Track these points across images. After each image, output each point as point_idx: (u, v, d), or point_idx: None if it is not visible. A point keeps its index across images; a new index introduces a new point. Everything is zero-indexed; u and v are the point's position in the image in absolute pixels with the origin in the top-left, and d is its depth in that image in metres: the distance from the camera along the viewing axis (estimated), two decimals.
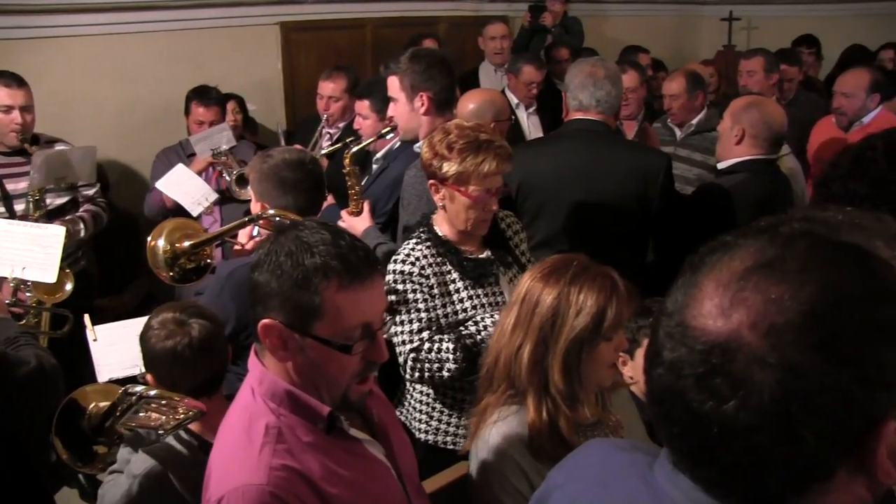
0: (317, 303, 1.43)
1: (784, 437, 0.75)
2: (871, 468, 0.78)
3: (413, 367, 2.36)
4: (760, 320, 0.76)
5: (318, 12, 5.79)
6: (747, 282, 0.79)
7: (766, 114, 3.04)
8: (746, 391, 0.75)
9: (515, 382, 1.86)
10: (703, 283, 0.82)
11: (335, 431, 1.54)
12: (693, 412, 0.79)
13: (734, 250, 0.83)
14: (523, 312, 1.84)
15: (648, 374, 0.86)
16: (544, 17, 6.29)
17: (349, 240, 1.50)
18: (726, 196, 2.95)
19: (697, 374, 0.78)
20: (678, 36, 8.58)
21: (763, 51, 5.21)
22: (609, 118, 3.02)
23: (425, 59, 2.85)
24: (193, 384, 2.04)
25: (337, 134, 4.44)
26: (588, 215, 2.94)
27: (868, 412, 0.75)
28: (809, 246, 0.80)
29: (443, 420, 2.50)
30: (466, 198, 2.31)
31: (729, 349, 0.77)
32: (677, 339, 0.82)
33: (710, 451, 0.80)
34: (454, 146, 2.29)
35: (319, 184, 2.60)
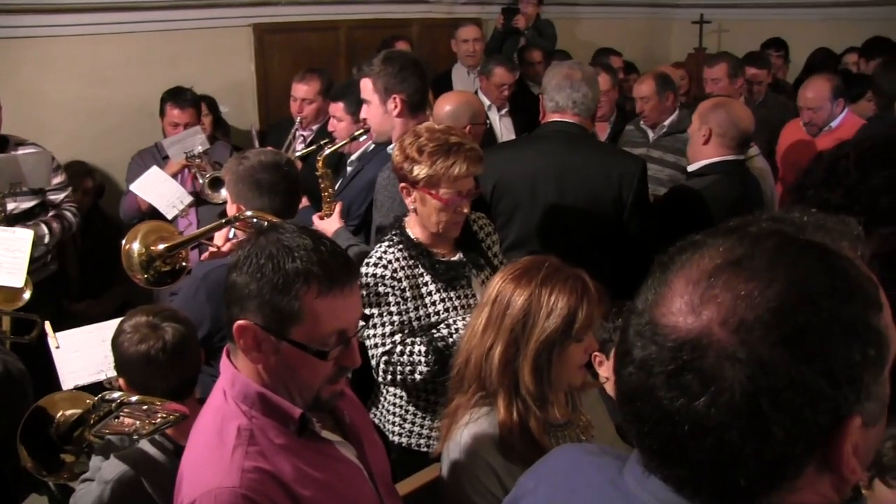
0: (296, 308, 1.43)
1: (754, 432, 0.75)
2: (838, 465, 0.79)
3: (385, 369, 2.37)
4: (730, 317, 0.77)
5: (291, 14, 5.77)
6: (717, 279, 0.79)
7: (732, 114, 3.08)
8: (717, 387, 0.76)
9: (486, 383, 1.86)
10: (672, 282, 0.83)
11: (307, 433, 1.54)
12: (664, 409, 0.79)
13: (703, 249, 0.84)
14: (494, 313, 1.85)
15: (618, 373, 0.86)
16: (517, 19, 6.32)
17: (330, 245, 1.51)
18: (697, 198, 2.99)
19: (668, 371, 0.79)
20: (650, 38, 8.66)
21: (725, 56, 5.26)
22: (585, 120, 3.04)
23: (398, 62, 2.86)
24: (166, 388, 2.03)
25: (311, 136, 4.43)
26: (562, 217, 2.96)
27: (834, 407, 0.77)
28: (777, 244, 0.81)
29: (416, 422, 2.51)
30: (437, 201, 2.32)
31: (699, 345, 0.77)
32: (647, 336, 0.82)
33: (680, 449, 0.80)
34: (424, 149, 2.29)
35: (295, 186, 2.60)
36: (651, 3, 8.67)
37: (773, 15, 8.08)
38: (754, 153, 3.98)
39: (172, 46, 5.15)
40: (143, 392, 1.99)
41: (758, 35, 7.13)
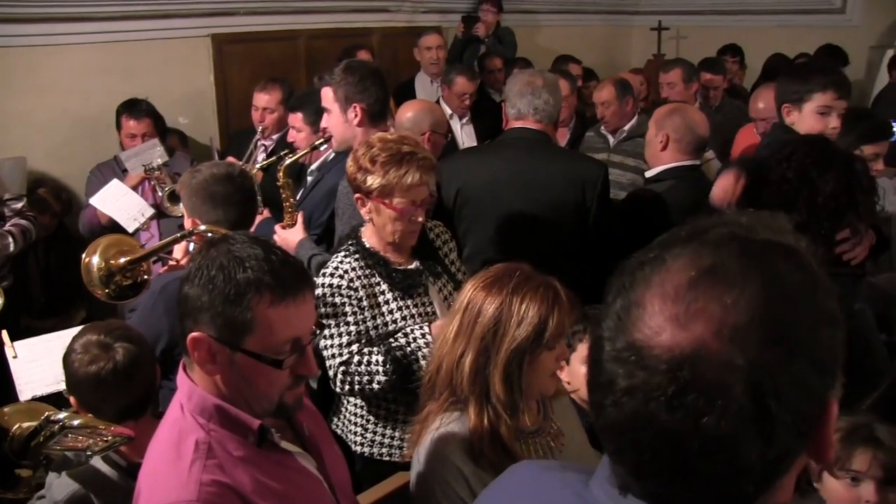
0: (248, 318, 1.42)
1: (761, 436, 0.75)
2: (824, 450, 0.81)
3: (343, 380, 2.36)
4: (722, 326, 0.76)
5: (250, 24, 5.75)
6: (696, 291, 0.78)
7: (688, 119, 3.13)
8: (724, 400, 0.74)
9: (457, 391, 1.86)
10: (644, 301, 0.80)
11: (266, 444, 1.53)
12: (668, 434, 0.76)
13: (667, 262, 0.82)
14: (465, 321, 1.84)
15: (601, 405, 0.82)
16: (477, 27, 6.38)
17: (281, 255, 1.50)
18: (655, 203, 3.02)
19: (669, 395, 0.76)
20: (610, 45, 8.77)
21: (680, 62, 5.35)
22: (548, 127, 3.06)
23: (359, 71, 2.86)
24: (118, 408, 2.00)
25: (272, 146, 4.42)
26: (526, 223, 2.97)
27: (822, 396, 0.79)
28: (741, 248, 0.81)
29: (377, 432, 2.50)
30: (392, 210, 2.33)
31: (698, 361, 0.75)
32: (632, 362, 0.78)
33: (689, 468, 0.77)
34: (377, 159, 2.30)
35: (250, 196, 2.59)
36: (610, 11, 8.78)
37: (729, 21, 8.23)
38: (710, 157, 4.06)
39: (130, 58, 5.09)
40: (94, 411, 1.97)
41: (715, 41, 7.27)
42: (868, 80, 7.84)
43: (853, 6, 7.77)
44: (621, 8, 8.87)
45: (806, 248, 0.85)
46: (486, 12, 6.55)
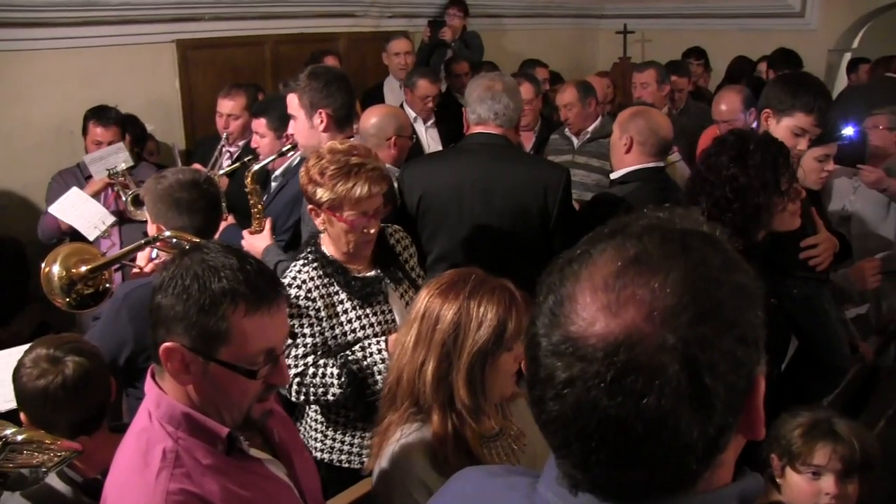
0: (223, 328, 1.42)
1: (700, 411, 0.78)
2: (755, 423, 0.85)
3: (298, 391, 2.35)
4: (652, 310, 0.78)
5: (215, 30, 5.71)
6: (624, 279, 0.81)
7: (651, 122, 3.16)
8: (662, 379, 0.77)
9: (420, 400, 1.85)
10: (575, 295, 0.82)
11: (235, 452, 1.53)
12: (612, 418, 0.78)
13: (594, 256, 0.84)
14: (424, 329, 1.84)
15: (541, 400, 0.83)
16: (444, 32, 6.40)
17: (256, 264, 1.50)
18: (619, 205, 3.04)
19: (608, 380, 0.78)
20: (576, 49, 8.86)
21: (654, 63, 5.43)
22: (509, 131, 3.07)
23: (324, 77, 2.85)
24: (70, 423, 1.96)
25: (237, 152, 4.39)
26: (489, 228, 2.98)
27: (749, 370, 0.82)
28: (662, 236, 0.84)
29: (337, 438, 2.50)
30: (343, 223, 2.32)
31: (632, 345, 0.78)
32: (569, 353, 0.80)
33: (635, 451, 0.79)
34: (326, 172, 2.28)
35: (216, 203, 2.58)
36: (576, 14, 8.86)
37: (693, 25, 8.35)
38: (675, 159, 4.11)
39: (93, 63, 5.04)
40: (45, 427, 1.92)
41: (680, 44, 7.39)
42: (828, 82, 8.00)
43: (812, 11, 7.94)
44: (587, 12, 8.95)
45: (721, 234, 0.89)
46: (452, 17, 6.58)
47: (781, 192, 2.37)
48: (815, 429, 2.16)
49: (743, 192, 2.36)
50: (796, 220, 2.46)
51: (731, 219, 2.36)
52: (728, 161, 2.40)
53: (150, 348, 1.49)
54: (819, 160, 3.07)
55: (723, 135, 2.57)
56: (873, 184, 4.16)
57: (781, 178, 2.37)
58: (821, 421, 2.17)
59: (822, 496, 2.12)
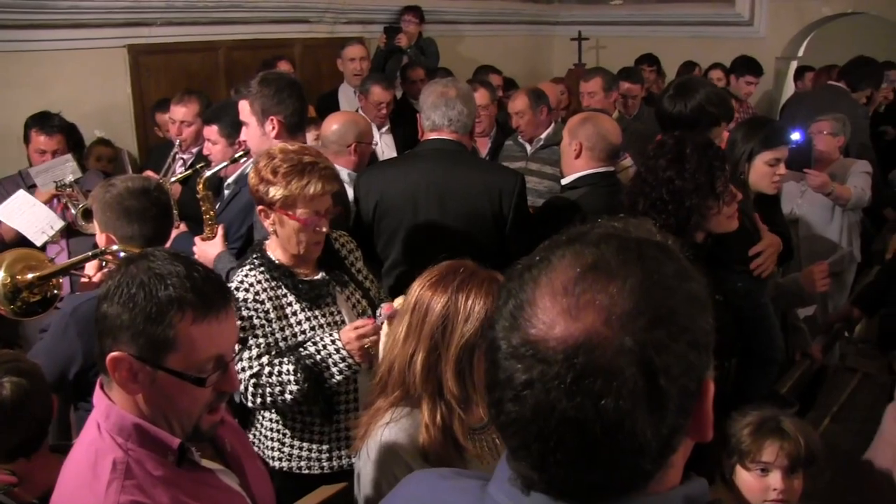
0: (170, 336, 1.41)
1: (654, 413, 0.80)
2: (704, 426, 0.88)
3: (255, 393, 2.33)
4: (610, 314, 0.81)
5: (167, 35, 5.65)
6: (583, 285, 0.83)
7: (600, 127, 3.20)
8: (619, 381, 0.79)
9: (410, 389, 1.88)
10: (536, 299, 0.84)
11: (186, 463, 1.51)
12: (570, 420, 0.80)
13: (553, 263, 0.86)
14: (414, 321, 1.86)
15: (499, 402, 0.85)
16: (399, 38, 6.41)
17: (203, 271, 1.49)
18: (570, 209, 3.08)
19: (567, 381, 0.80)
20: (532, 55, 8.94)
21: (600, 71, 5.48)
22: (463, 137, 3.08)
23: (275, 83, 2.84)
24: (8, 445, 1.91)
25: (191, 159, 4.34)
26: (444, 233, 2.99)
27: (700, 374, 0.85)
28: (619, 244, 0.86)
29: (294, 445, 2.48)
30: (295, 221, 2.33)
31: (592, 347, 0.80)
32: (529, 356, 0.82)
33: (593, 451, 0.81)
34: (279, 170, 2.29)
35: (166, 211, 2.55)
36: (531, 21, 8.94)
37: (646, 32, 8.49)
38: (629, 164, 4.16)
39: (40, 68, 4.94)
40: None
41: (633, 51, 7.51)
42: (776, 89, 8.22)
43: (760, 19, 8.13)
44: (542, 19, 9.04)
45: (674, 243, 0.93)
46: (407, 23, 6.60)
47: (716, 195, 2.43)
48: (764, 427, 2.22)
49: (678, 194, 2.42)
50: (733, 223, 2.52)
51: (665, 220, 2.42)
52: (665, 164, 2.46)
53: (98, 360, 1.46)
54: (770, 164, 3.15)
55: (663, 138, 2.63)
56: (819, 188, 4.28)
57: (716, 182, 2.43)
58: (768, 419, 2.23)
59: (770, 492, 2.18)
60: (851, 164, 4.50)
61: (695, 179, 2.41)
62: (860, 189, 4.35)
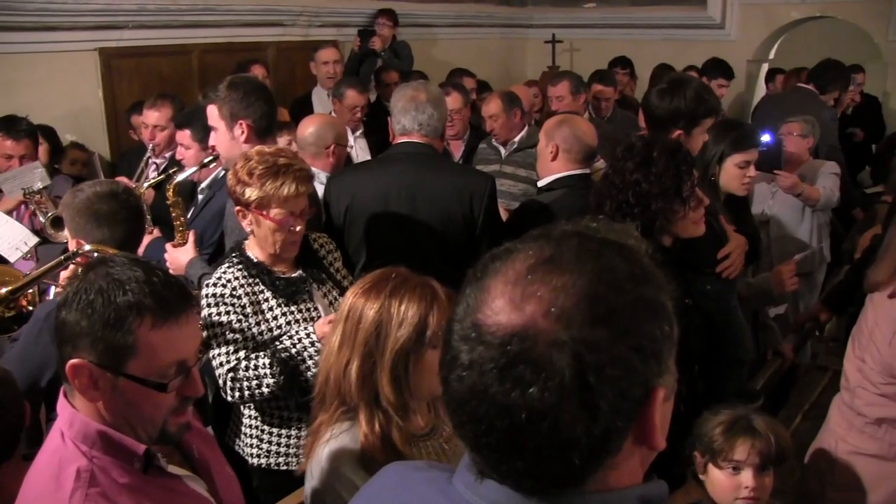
0: (130, 341, 1.40)
1: (584, 409, 0.81)
2: (650, 434, 0.88)
3: (232, 386, 2.36)
4: (551, 307, 0.83)
5: (140, 38, 5.61)
6: (533, 276, 0.85)
7: (576, 129, 3.22)
8: (548, 372, 0.81)
9: (347, 399, 1.87)
10: (490, 286, 0.87)
11: (153, 469, 1.50)
12: (499, 404, 0.83)
13: (514, 254, 0.89)
14: (348, 329, 1.86)
15: (446, 380, 0.89)
16: (373, 41, 6.41)
17: (163, 276, 1.48)
18: (545, 211, 3.08)
19: (500, 366, 0.82)
20: (506, 58, 8.97)
21: (568, 75, 5.50)
22: (434, 140, 3.08)
23: (243, 87, 2.83)
24: None
25: (164, 164, 4.30)
26: (415, 237, 3.00)
27: (645, 380, 0.85)
28: (580, 242, 0.88)
29: (273, 441, 2.51)
30: (270, 221, 2.37)
31: (526, 337, 0.82)
32: (473, 339, 0.85)
33: (520, 439, 0.83)
34: (254, 172, 2.34)
35: (137, 215, 2.54)
36: (505, 24, 8.98)
37: (619, 35, 8.56)
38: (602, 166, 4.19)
39: (11, 71, 4.90)
40: None
41: (607, 53, 7.56)
42: (748, 91, 8.31)
43: (731, 22, 8.23)
44: (515, 21, 9.09)
45: (646, 250, 0.94)
46: (381, 26, 6.60)
47: (682, 199, 2.45)
48: (735, 426, 2.24)
49: (644, 197, 2.43)
50: (699, 228, 2.53)
51: (631, 222, 2.44)
52: (633, 167, 2.47)
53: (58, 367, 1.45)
54: (740, 167, 3.17)
55: (632, 140, 2.65)
56: (789, 189, 4.33)
57: (683, 186, 2.45)
58: (740, 418, 2.26)
59: (742, 489, 2.20)
60: (820, 166, 4.56)
61: (661, 183, 2.42)
62: (829, 190, 4.41)
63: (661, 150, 2.48)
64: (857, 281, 3.51)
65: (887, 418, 2.18)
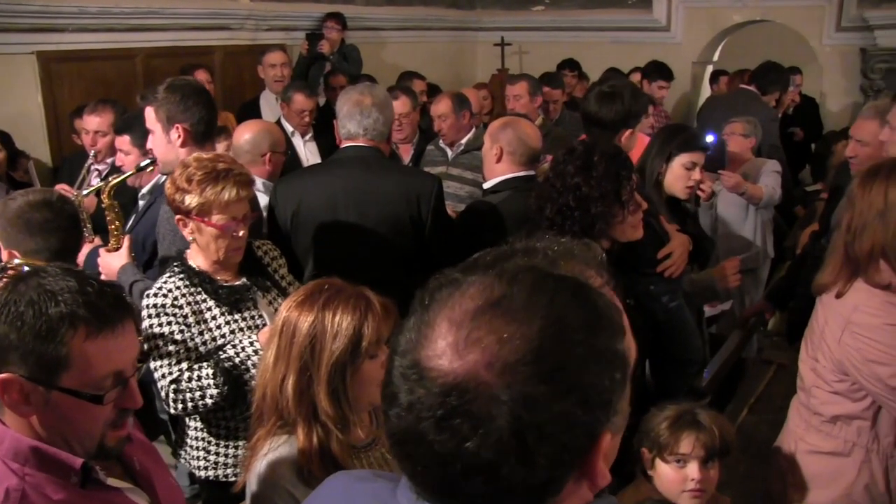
0: (63, 353, 1.37)
1: (522, 466, 0.80)
2: (593, 475, 0.86)
3: (175, 398, 2.33)
4: (494, 360, 0.80)
5: (81, 42, 5.46)
6: (479, 321, 0.82)
7: (520, 132, 3.23)
8: (486, 429, 0.78)
9: (284, 414, 1.84)
10: (435, 322, 0.84)
11: (91, 484, 1.47)
12: (435, 452, 0.81)
13: (463, 287, 0.85)
14: (283, 343, 1.83)
15: (386, 414, 0.87)
16: (322, 45, 6.37)
17: (97, 285, 1.45)
18: (492, 213, 3.09)
19: (437, 416, 0.80)
20: (455, 61, 8.99)
21: (526, 76, 5.56)
22: (380, 143, 3.08)
23: (181, 90, 2.78)
24: None
25: (106, 170, 4.21)
26: (364, 240, 2.98)
27: (590, 430, 0.83)
28: (533, 282, 0.85)
29: (219, 452, 2.48)
30: (212, 228, 2.34)
31: (467, 389, 0.79)
32: (414, 380, 0.83)
33: (454, 486, 0.82)
34: (193, 178, 2.31)
35: (73, 223, 2.47)
36: (455, 27, 9.00)
37: (568, 38, 8.65)
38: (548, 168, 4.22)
39: None
40: None
41: (555, 56, 7.64)
42: (693, 92, 8.47)
43: (677, 25, 8.38)
44: (465, 24, 9.12)
45: (604, 283, 0.92)
46: (330, 30, 6.56)
47: (621, 203, 2.48)
48: (681, 420, 2.28)
49: (584, 200, 2.46)
50: (637, 232, 2.56)
51: (570, 226, 2.46)
52: (574, 170, 2.50)
53: None
54: (687, 168, 3.22)
55: (574, 144, 2.68)
56: (732, 188, 4.43)
57: (622, 190, 2.48)
58: (684, 412, 2.30)
59: (689, 482, 2.24)
60: (762, 164, 4.67)
61: (601, 187, 2.45)
62: (771, 188, 4.51)
63: (602, 154, 2.51)
64: (797, 276, 3.61)
65: (842, 415, 2.24)
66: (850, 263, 2.18)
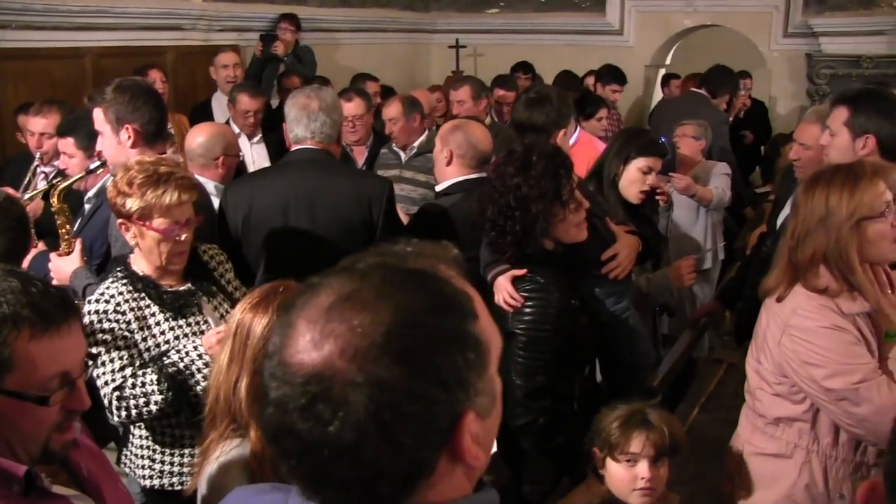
0: (6, 355, 1.34)
1: (385, 445, 0.84)
2: (462, 455, 0.90)
3: (119, 406, 2.29)
4: (347, 347, 0.85)
5: (26, 39, 5.33)
6: (332, 315, 0.87)
7: (470, 135, 3.25)
8: (345, 412, 0.84)
9: (237, 417, 1.83)
10: (295, 323, 0.90)
11: (35, 492, 1.43)
12: (304, 441, 0.86)
13: (319, 289, 0.91)
14: (236, 346, 1.82)
15: (260, 415, 0.92)
16: (276, 46, 6.33)
17: (41, 286, 1.43)
18: (443, 216, 3.10)
19: (301, 406, 0.85)
20: (410, 63, 9.00)
21: (469, 79, 5.58)
22: (329, 145, 3.07)
23: (129, 90, 2.75)
24: None
25: (53, 173, 4.12)
26: (316, 242, 2.97)
27: (450, 409, 0.88)
28: (383, 276, 0.90)
29: (165, 461, 2.44)
30: (154, 232, 2.32)
31: (324, 377, 0.85)
32: (279, 377, 0.88)
33: (325, 473, 0.87)
34: (134, 181, 2.29)
35: (20, 224, 2.40)
36: (409, 29, 9.01)
37: (522, 40, 8.72)
38: None
39: None
40: None
41: (510, 58, 7.69)
42: (646, 95, 8.61)
43: (629, 29, 8.52)
44: (420, 27, 9.13)
45: (457, 276, 0.96)
46: (284, 31, 6.52)
47: (562, 202, 2.51)
48: (631, 419, 2.31)
49: (524, 200, 2.48)
50: (581, 233, 2.58)
51: (512, 226, 2.48)
52: (513, 171, 2.52)
53: None
54: (643, 171, 3.26)
55: (512, 146, 2.70)
56: (683, 190, 4.49)
57: (562, 189, 2.51)
58: (635, 412, 2.33)
59: (639, 480, 2.27)
60: (713, 167, 4.75)
61: (540, 186, 2.47)
62: (721, 190, 4.59)
63: (540, 154, 2.53)
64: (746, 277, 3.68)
65: (783, 417, 2.29)
66: (792, 269, 2.23)
